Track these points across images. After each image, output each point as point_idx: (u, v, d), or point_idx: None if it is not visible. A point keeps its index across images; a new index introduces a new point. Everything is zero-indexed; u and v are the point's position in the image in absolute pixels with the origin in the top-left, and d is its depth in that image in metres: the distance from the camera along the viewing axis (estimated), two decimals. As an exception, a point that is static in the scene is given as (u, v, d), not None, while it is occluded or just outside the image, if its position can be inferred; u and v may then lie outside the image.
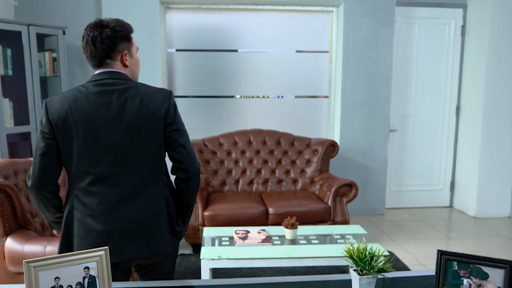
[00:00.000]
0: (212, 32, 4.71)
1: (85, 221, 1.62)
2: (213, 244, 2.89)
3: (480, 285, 1.40)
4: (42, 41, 4.12)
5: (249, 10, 4.72)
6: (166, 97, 1.67)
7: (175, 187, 1.78)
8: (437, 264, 1.44)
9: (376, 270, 1.44)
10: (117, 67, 1.67)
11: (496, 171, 4.84)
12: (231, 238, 2.99)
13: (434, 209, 5.20)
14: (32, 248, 2.43)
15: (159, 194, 1.69)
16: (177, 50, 4.70)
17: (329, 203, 3.80)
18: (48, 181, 1.64)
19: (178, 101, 4.60)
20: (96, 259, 1.40)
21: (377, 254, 1.48)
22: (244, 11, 4.72)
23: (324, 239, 3.02)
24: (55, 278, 1.33)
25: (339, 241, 2.95)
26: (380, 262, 1.46)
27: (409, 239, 4.18)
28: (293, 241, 2.94)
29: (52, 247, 2.40)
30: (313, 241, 2.94)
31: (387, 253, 2.17)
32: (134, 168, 1.63)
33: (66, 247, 1.66)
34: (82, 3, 4.47)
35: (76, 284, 1.36)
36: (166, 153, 1.73)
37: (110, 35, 1.61)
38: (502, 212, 4.91)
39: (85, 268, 1.38)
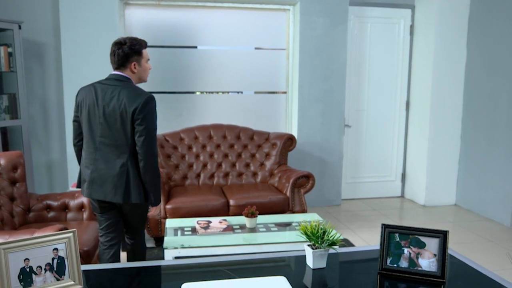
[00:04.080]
0: (172, 28, 4.75)
1: (81, 167, 2.50)
2: (175, 234, 2.97)
3: (418, 253, 1.58)
4: (-4, 35, 4.04)
5: (208, 8, 4.80)
6: (141, 100, 2.30)
7: None
8: (381, 236, 1.60)
9: (327, 244, 1.59)
10: (127, 72, 2.42)
11: (443, 163, 5.17)
12: (194, 228, 3.07)
13: (387, 199, 5.48)
14: (-8, 241, 2.41)
15: (124, 163, 2.37)
16: (136, 46, 4.69)
17: (288, 194, 3.95)
18: (76, 139, 2.52)
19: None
20: (64, 241, 1.46)
21: (328, 229, 1.62)
22: (204, 8, 4.80)
23: (282, 227, 3.16)
24: (25, 260, 1.39)
25: (296, 228, 3.11)
26: (331, 236, 1.60)
27: (364, 227, 4.41)
28: (253, 229, 3.06)
29: (13, 240, 2.40)
30: (272, 229, 3.08)
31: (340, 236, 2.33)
32: (110, 141, 2.36)
33: (79, 178, 2.53)
34: (38, -2, 4.40)
35: (46, 265, 1.42)
36: None
37: (125, 50, 2.37)
38: (449, 200, 5.25)
39: (54, 249, 1.44)
